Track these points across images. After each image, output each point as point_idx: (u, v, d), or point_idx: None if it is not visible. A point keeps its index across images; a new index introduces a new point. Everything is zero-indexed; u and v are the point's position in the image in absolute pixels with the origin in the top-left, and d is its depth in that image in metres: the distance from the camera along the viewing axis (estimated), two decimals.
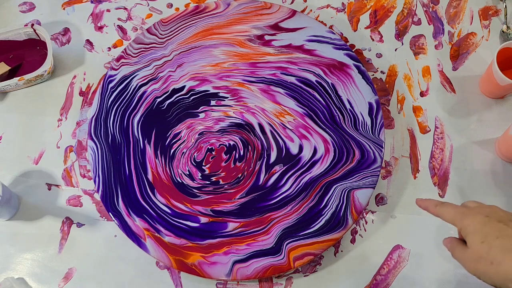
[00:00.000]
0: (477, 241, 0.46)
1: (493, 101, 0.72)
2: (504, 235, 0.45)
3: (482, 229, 0.46)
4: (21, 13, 0.78)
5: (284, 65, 0.72)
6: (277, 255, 0.62)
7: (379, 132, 0.68)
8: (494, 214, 0.47)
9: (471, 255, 0.46)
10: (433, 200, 0.53)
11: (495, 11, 0.78)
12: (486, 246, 0.45)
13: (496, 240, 0.45)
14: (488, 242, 0.45)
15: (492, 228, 0.46)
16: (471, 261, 0.47)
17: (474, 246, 0.46)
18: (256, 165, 0.67)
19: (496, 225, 0.46)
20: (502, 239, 0.44)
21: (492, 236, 0.45)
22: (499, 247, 0.44)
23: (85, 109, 0.72)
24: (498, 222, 0.46)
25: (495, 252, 0.44)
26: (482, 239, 0.45)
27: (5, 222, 0.67)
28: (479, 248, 0.45)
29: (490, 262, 0.44)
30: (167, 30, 0.74)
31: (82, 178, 0.69)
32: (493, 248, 0.44)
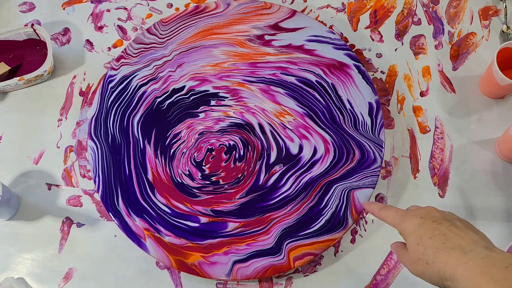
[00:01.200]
0: (414, 243, 0.47)
1: (493, 101, 0.72)
2: (436, 235, 0.46)
3: (417, 231, 0.47)
4: (21, 13, 0.78)
5: (284, 65, 0.72)
6: (277, 255, 0.62)
7: (379, 132, 0.68)
8: (428, 215, 0.49)
9: (410, 257, 0.48)
10: (378, 204, 0.56)
11: (495, 11, 0.78)
12: (421, 247, 0.46)
13: (429, 240, 0.46)
14: (423, 243, 0.46)
15: (426, 229, 0.47)
16: (412, 264, 0.48)
17: (412, 248, 0.47)
18: (256, 165, 0.67)
19: (430, 226, 0.47)
20: (434, 239, 0.46)
21: (426, 237, 0.46)
22: (432, 247, 0.45)
23: (85, 109, 0.72)
24: (432, 223, 0.47)
25: (429, 252, 0.45)
26: (418, 241, 0.47)
27: (5, 222, 0.67)
28: (416, 249, 0.47)
29: (426, 263, 0.45)
30: (167, 30, 0.74)
31: (82, 178, 0.69)
32: (427, 249, 0.45)
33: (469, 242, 0.44)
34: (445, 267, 0.43)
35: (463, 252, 0.43)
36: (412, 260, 0.47)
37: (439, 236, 0.46)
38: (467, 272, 0.42)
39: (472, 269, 0.42)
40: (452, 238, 0.45)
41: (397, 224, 0.50)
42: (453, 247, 0.44)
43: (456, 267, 0.42)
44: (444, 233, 0.46)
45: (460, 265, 0.42)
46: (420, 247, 0.46)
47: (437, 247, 0.45)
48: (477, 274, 0.41)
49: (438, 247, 0.45)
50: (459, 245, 0.44)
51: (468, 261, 0.42)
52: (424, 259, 0.46)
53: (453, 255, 0.43)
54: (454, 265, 0.43)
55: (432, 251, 0.45)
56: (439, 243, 0.45)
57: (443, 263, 0.44)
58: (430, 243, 0.46)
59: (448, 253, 0.44)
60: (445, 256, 0.44)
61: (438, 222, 0.47)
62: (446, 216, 0.49)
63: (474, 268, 0.42)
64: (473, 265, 0.42)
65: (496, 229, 0.66)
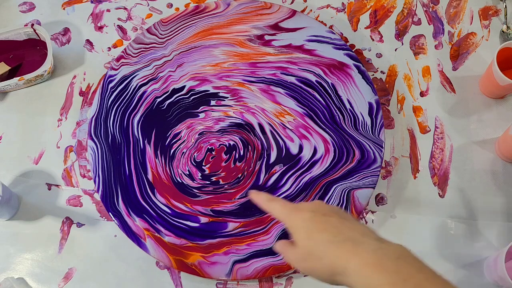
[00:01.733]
0: (304, 238, 0.45)
1: (493, 101, 0.72)
2: (327, 228, 0.44)
3: (307, 225, 0.45)
4: (21, 13, 0.78)
5: (284, 65, 0.72)
6: (277, 255, 0.62)
7: (379, 132, 0.68)
8: (318, 209, 0.46)
9: (300, 253, 0.45)
10: (266, 195, 0.51)
11: (495, 11, 0.78)
12: (311, 242, 0.44)
13: (320, 234, 0.44)
14: (313, 237, 0.44)
15: (317, 222, 0.45)
16: (301, 261, 0.45)
17: (301, 243, 0.45)
18: (256, 165, 0.67)
19: (320, 219, 0.45)
20: (325, 232, 0.44)
21: (316, 230, 0.44)
22: (323, 240, 0.43)
23: (85, 109, 0.72)
24: (322, 216, 0.45)
25: (319, 246, 0.43)
26: (308, 235, 0.44)
27: (5, 222, 0.67)
28: (306, 244, 0.44)
29: (316, 258, 0.43)
30: (167, 30, 0.74)
31: (82, 178, 0.69)
32: (318, 243, 0.43)
33: (360, 234, 0.43)
34: (336, 261, 0.42)
35: (355, 245, 0.42)
36: (301, 257, 0.45)
37: (330, 229, 0.44)
38: (359, 265, 0.40)
39: (364, 261, 0.40)
40: (343, 231, 0.43)
41: (285, 218, 0.47)
42: (345, 240, 0.42)
43: (348, 260, 0.41)
44: (335, 226, 0.44)
45: (352, 258, 0.41)
46: (310, 241, 0.44)
47: (329, 240, 0.43)
48: (369, 266, 0.40)
49: (330, 240, 0.43)
50: (351, 237, 0.43)
51: (359, 254, 0.41)
52: (314, 254, 0.43)
53: (344, 247, 0.42)
54: (346, 258, 0.41)
55: (323, 245, 0.43)
56: (330, 236, 0.43)
57: (335, 257, 0.42)
58: (321, 237, 0.43)
59: (339, 246, 0.42)
60: (337, 249, 0.42)
61: (329, 215, 0.45)
62: (335, 210, 0.47)
63: (366, 260, 0.40)
64: (365, 257, 0.41)
65: (496, 229, 0.66)
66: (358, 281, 0.41)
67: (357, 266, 0.41)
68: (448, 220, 0.66)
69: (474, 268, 0.64)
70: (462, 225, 0.66)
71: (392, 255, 0.41)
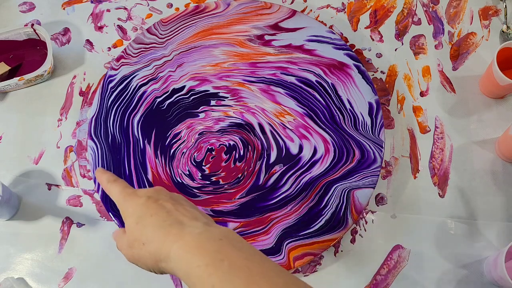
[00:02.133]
0: (133, 223, 0.43)
1: (493, 101, 0.72)
2: (158, 212, 0.42)
3: (139, 210, 0.43)
4: (21, 13, 0.78)
5: (284, 65, 0.72)
6: (277, 255, 0.62)
7: (379, 132, 0.68)
8: (155, 194, 0.44)
9: (127, 240, 0.43)
10: (109, 175, 0.49)
11: (495, 11, 0.78)
12: (140, 227, 0.42)
13: (150, 218, 0.42)
14: (143, 222, 0.42)
15: (149, 207, 0.43)
16: (127, 247, 0.44)
17: (130, 229, 0.43)
18: (256, 165, 0.67)
19: (153, 204, 0.43)
20: (155, 217, 0.42)
21: (147, 215, 0.42)
22: (152, 225, 0.41)
23: (85, 109, 0.72)
24: (156, 201, 0.43)
25: (148, 231, 0.41)
26: (137, 220, 0.43)
27: (5, 222, 0.67)
28: (134, 230, 0.42)
29: (142, 243, 0.42)
30: (167, 30, 0.74)
31: (82, 178, 0.69)
32: (146, 228, 0.42)
33: (190, 218, 0.42)
34: (161, 247, 0.40)
35: (181, 228, 0.41)
36: (128, 243, 0.43)
37: (162, 214, 0.42)
38: (182, 249, 0.39)
39: (186, 245, 0.39)
40: (174, 215, 0.42)
41: (120, 203, 0.45)
42: (173, 224, 0.41)
43: (171, 245, 0.40)
44: (168, 210, 0.42)
45: (176, 241, 0.40)
46: (139, 226, 0.42)
47: (157, 225, 0.41)
48: (190, 249, 0.39)
49: (159, 225, 0.41)
50: (180, 221, 0.41)
51: (183, 237, 0.40)
52: (140, 240, 0.42)
53: (171, 232, 0.40)
54: (171, 242, 0.40)
55: (152, 230, 0.41)
56: (159, 220, 0.41)
57: (160, 242, 0.40)
58: (150, 221, 0.42)
59: (167, 230, 0.41)
60: (164, 234, 0.41)
61: (164, 201, 0.43)
62: (174, 196, 0.45)
63: (188, 243, 0.39)
64: (189, 240, 0.39)
65: (496, 229, 0.66)
66: (178, 266, 0.39)
67: (179, 250, 0.39)
68: (448, 220, 0.66)
69: (474, 268, 0.64)
70: (462, 225, 0.66)
71: (215, 237, 0.40)
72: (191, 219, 0.42)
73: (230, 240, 0.40)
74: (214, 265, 0.38)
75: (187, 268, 0.39)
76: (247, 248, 0.40)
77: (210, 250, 0.39)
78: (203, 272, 0.38)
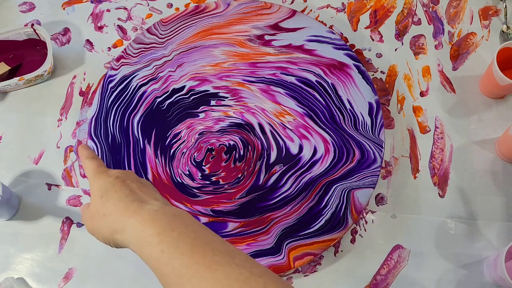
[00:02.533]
0: (97, 196, 0.45)
1: (493, 101, 0.72)
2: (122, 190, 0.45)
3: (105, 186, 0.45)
4: (21, 13, 0.78)
5: (284, 65, 0.72)
6: (277, 255, 0.62)
7: (379, 132, 0.68)
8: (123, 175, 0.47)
9: (90, 211, 0.46)
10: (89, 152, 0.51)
11: (495, 11, 0.78)
12: (103, 200, 0.44)
13: (114, 193, 0.44)
14: (107, 196, 0.45)
15: (115, 184, 0.45)
16: (88, 219, 0.46)
17: (94, 202, 0.46)
18: (256, 165, 0.67)
19: (120, 183, 0.46)
20: (119, 193, 0.44)
21: (112, 190, 0.45)
22: (114, 199, 0.44)
23: (85, 109, 0.72)
24: (124, 181, 0.46)
25: (109, 204, 0.44)
26: (102, 194, 0.45)
27: (5, 222, 0.67)
28: (97, 203, 0.45)
29: (102, 215, 0.44)
30: (167, 30, 0.74)
31: (82, 178, 0.69)
32: (109, 201, 0.44)
33: (151, 198, 0.44)
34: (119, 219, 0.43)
35: (140, 205, 0.43)
36: (89, 216, 0.46)
37: (125, 191, 0.45)
38: (136, 221, 0.42)
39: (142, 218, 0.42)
40: (137, 194, 0.44)
41: (91, 179, 0.48)
42: (134, 200, 0.43)
43: (128, 219, 0.42)
44: (131, 189, 0.45)
45: (133, 216, 0.42)
46: (102, 200, 0.45)
47: (119, 199, 0.44)
48: (145, 222, 0.41)
49: (120, 199, 0.44)
50: (141, 199, 0.44)
51: (140, 213, 0.42)
52: (101, 212, 0.44)
53: (131, 207, 0.43)
54: (128, 216, 0.42)
55: (113, 203, 0.44)
56: (122, 196, 0.44)
57: (118, 215, 0.43)
58: (114, 195, 0.44)
59: (127, 205, 0.43)
60: (123, 207, 0.43)
61: (131, 181, 0.46)
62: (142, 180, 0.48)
63: (144, 217, 0.42)
64: (144, 215, 0.42)
65: (496, 229, 0.66)
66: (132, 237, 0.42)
67: (134, 222, 0.42)
68: (448, 220, 0.66)
69: (474, 268, 0.64)
70: (462, 225, 0.66)
71: (170, 213, 0.43)
72: (151, 199, 0.45)
73: (184, 218, 0.43)
74: (164, 233, 0.40)
75: (140, 238, 0.41)
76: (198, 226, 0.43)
77: (164, 222, 0.41)
78: (154, 239, 0.40)
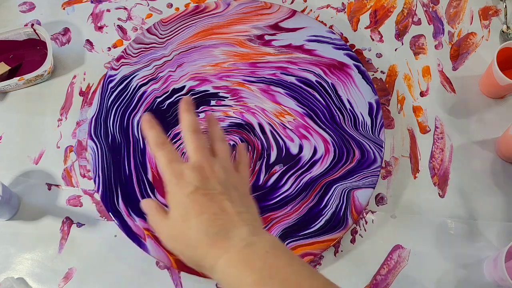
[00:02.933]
0: (179, 217, 0.42)
1: (493, 101, 0.72)
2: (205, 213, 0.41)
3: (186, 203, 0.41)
4: (21, 13, 0.78)
5: (284, 65, 0.72)
6: None
7: (379, 132, 0.68)
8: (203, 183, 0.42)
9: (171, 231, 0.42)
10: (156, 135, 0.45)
11: (495, 11, 0.78)
12: (185, 226, 0.41)
13: (195, 220, 0.41)
14: (188, 221, 0.41)
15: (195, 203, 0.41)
16: (170, 239, 0.43)
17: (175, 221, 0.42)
18: (256, 165, 0.67)
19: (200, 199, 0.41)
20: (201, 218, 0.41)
21: (192, 214, 0.41)
22: (197, 229, 0.41)
23: (85, 109, 0.72)
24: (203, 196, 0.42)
25: (192, 233, 0.41)
26: (183, 217, 0.41)
27: (5, 222, 0.67)
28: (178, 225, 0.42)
29: (186, 244, 0.41)
30: (167, 30, 0.74)
31: (82, 178, 0.69)
32: (191, 229, 0.41)
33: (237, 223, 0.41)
34: (206, 256, 0.40)
35: (227, 239, 0.40)
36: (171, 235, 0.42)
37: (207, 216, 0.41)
38: (228, 263, 0.39)
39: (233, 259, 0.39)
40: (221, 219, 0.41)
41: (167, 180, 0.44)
42: (219, 232, 0.40)
43: (217, 258, 0.39)
44: (214, 212, 0.41)
45: (222, 256, 0.39)
46: (184, 224, 0.41)
47: (203, 231, 0.40)
48: (237, 264, 0.39)
49: (204, 231, 0.40)
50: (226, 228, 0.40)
51: (229, 250, 0.39)
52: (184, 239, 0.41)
53: (217, 243, 0.40)
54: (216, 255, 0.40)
55: (196, 234, 0.41)
56: (206, 226, 0.41)
57: (204, 251, 0.40)
58: (196, 222, 0.41)
59: (212, 240, 0.40)
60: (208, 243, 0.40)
61: (211, 196, 0.42)
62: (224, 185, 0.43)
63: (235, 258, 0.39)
64: (234, 254, 0.39)
65: (496, 229, 0.66)
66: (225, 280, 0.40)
67: (225, 264, 0.39)
68: (448, 220, 0.66)
69: (474, 268, 0.64)
70: (462, 225, 0.66)
71: (261, 249, 0.39)
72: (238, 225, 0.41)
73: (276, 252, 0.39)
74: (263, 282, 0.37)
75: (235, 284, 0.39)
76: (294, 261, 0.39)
77: (257, 266, 0.38)
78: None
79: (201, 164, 0.44)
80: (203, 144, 0.46)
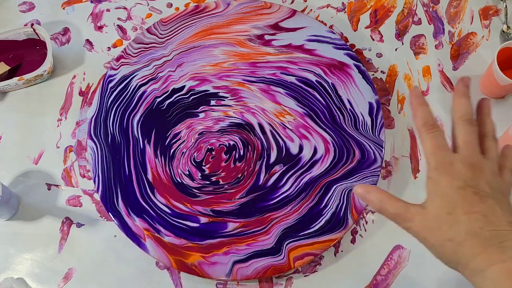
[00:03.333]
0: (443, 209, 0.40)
1: (493, 101, 0.72)
2: (475, 213, 0.39)
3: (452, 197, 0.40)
4: (21, 13, 0.78)
5: (284, 65, 0.72)
6: (277, 255, 0.62)
7: (379, 132, 0.68)
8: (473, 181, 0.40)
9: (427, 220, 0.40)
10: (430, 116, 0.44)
11: (495, 11, 0.78)
12: (451, 219, 0.39)
13: (464, 216, 0.39)
14: (456, 216, 0.39)
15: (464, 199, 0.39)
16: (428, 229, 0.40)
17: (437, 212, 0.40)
18: (256, 165, 0.67)
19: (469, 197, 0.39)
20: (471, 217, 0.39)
21: (461, 210, 0.39)
22: (466, 227, 0.38)
23: (85, 109, 0.72)
24: (473, 194, 0.40)
25: (460, 230, 0.39)
26: (449, 210, 0.39)
27: (5, 222, 0.67)
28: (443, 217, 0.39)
29: (448, 239, 0.39)
30: (167, 30, 0.74)
31: (81, 178, 0.69)
32: (460, 225, 0.39)
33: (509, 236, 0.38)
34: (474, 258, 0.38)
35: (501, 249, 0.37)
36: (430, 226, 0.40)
37: (478, 216, 0.38)
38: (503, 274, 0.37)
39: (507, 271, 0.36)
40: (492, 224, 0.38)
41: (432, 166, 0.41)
42: (491, 238, 0.38)
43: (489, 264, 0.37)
44: (484, 213, 0.39)
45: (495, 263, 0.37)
46: (450, 217, 0.39)
47: (472, 231, 0.38)
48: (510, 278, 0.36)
49: (474, 231, 0.38)
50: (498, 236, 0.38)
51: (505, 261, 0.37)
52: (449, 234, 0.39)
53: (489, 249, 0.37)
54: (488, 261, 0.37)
55: (465, 232, 0.38)
56: (475, 226, 0.38)
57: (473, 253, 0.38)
58: (464, 220, 0.39)
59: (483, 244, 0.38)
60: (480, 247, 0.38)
61: (481, 197, 0.39)
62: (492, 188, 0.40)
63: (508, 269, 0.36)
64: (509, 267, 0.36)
65: None
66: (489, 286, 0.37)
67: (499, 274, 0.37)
68: None
69: None
70: None
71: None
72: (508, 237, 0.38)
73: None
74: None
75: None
76: None
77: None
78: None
79: (472, 161, 0.42)
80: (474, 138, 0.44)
